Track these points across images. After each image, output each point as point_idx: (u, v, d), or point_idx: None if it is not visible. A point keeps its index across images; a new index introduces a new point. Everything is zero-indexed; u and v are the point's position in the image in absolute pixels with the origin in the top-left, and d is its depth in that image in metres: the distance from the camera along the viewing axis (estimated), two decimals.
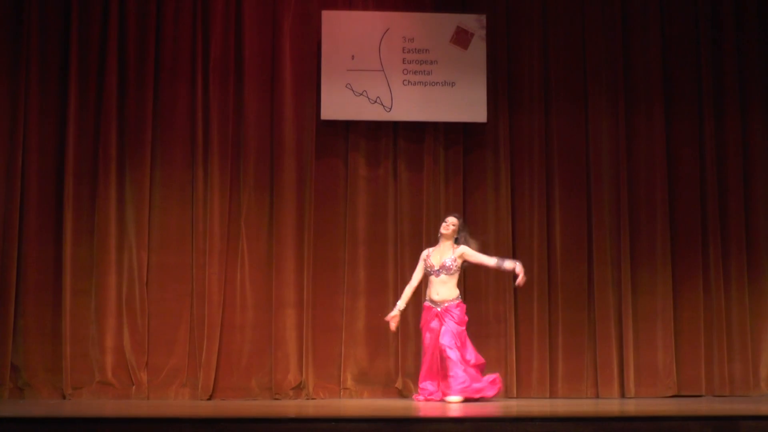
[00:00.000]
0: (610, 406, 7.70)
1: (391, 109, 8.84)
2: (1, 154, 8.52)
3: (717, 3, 9.25)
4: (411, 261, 8.52)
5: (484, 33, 8.93)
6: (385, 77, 8.85)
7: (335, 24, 8.85)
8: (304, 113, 8.87)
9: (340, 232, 8.82)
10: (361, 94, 8.82)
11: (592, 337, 8.88)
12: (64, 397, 8.33)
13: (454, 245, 8.01)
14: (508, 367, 8.73)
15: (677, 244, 9.03)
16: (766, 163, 9.17)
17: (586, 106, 9.10)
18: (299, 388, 8.56)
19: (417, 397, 8.04)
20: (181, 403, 8.27)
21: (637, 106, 9.13)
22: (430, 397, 7.86)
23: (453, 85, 8.89)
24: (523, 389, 8.73)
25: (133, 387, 8.40)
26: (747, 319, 8.97)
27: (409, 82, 8.88)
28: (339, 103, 8.79)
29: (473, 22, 8.94)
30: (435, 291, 7.91)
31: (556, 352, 8.83)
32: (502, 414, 6.69)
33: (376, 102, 8.83)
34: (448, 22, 8.94)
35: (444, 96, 8.88)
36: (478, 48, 8.92)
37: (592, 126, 9.09)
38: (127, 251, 8.58)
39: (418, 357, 8.41)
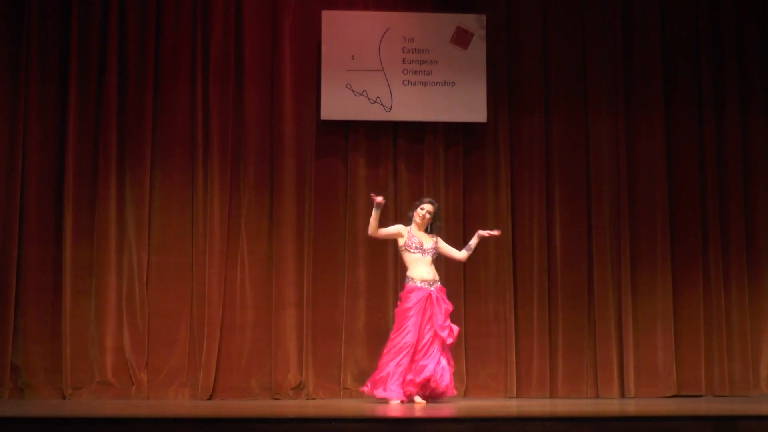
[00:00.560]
0: (610, 406, 7.70)
1: (391, 109, 8.84)
2: (1, 154, 8.52)
3: (717, 3, 9.26)
4: None
5: (484, 33, 8.93)
6: (385, 77, 8.85)
7: (335, 24, 8.85)
8: (304, 113, 8.87)
9: (340, 232, 8.82)
10: (361, 94, 8.82)
11: (592, 337, 8.88)
12: (64, 397, 8.33)
13: (429, 234, 7.80)
14: (508, 367, 8.73)
15: (677, 244, 9.03)
16: (766, 163, 9.17)
17: (586, 106, 9.11)
18: (299, 388, 8.57)
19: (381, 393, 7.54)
20: (181, 403, 8.27)
21: (637, 107, 9.13)
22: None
23: (453, 85, 8.89)
24: (523, 389, 8.73)
25: (133, 387, 8.40)
26: (747, 320, 8.98)
27: (409, 82, 8.88)
28: (339, 103, 8.79)
29: (473, 22, 8.94)
30: (426, 270, 7.68)
31: (556, 352, 8.83)
32: (502, 414, 6.68)
33: (376, 102, 8.83)
34: (448, 22, 8.94)
35: (444, 96, 8.88)
36: (478, 48, 8.92)
37: (592, 126, 9.09)
38: (127, 251, 8.59)
39: None
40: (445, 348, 7.66)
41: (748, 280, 9.03)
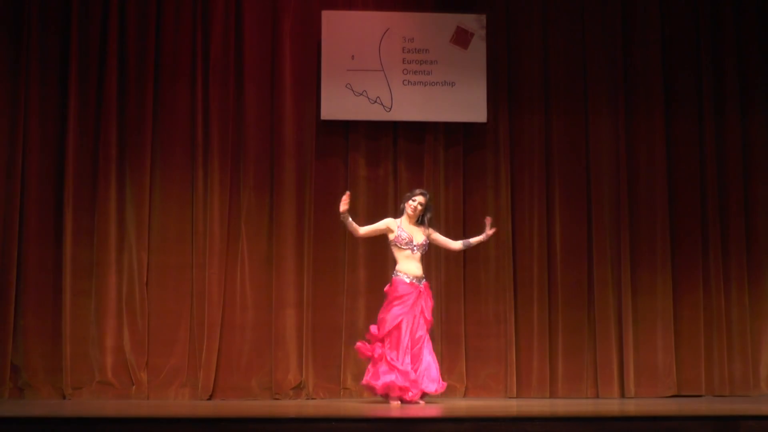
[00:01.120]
0: (610, 406, 7.70)
1: (391, 109, 8.85)
2: (1, 155, 8.52)
3: (717, 3, 9.26)
4: None
5: (484, 33, 8.94)
6: (385, 77, 8.85)
7: (335, 24, 8.85)
8: (304, 113, 8.87)
9: (340, 232, 8.81)
10: (361, 94, 8.82)
11: (592, 337, 8.88)
12: (64, 397, 8.33)
13: (421, 226, 7.70)
14: (508, 368, 8.73)
15: (677, 244, 9.03)
16: (766, 163, 9.17)
17: (586, 106, 9.11)
18: (299, 388, 8.57)
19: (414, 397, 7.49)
20: (181, 403, 8.27)
21: (637, 106, 9.13)
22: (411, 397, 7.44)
23: (453, 85, 8.89)
24: (523, 389, 8.73)
25: (133, 387, 8.40)
26: (747, 319, 8.98)
27: (409, 82, 8.88)
28: (339, 103, 8.79)
29: (473, 22, 8.94)
30: (416, 266, 7.59)
31: (556, 352, 8.83)
32: (502, 414, 6.68)
33: (376, 102, 8.83)
34: (448, 22, 8.94)
35: (444, 96, 8.88)
36: (478, 48, 8.92)
37: (592, 126, 9.09)
38: (127, 251, 8.59)
39: None
40: (429, 342, 7.58)
41: (748, 280, 9.03)
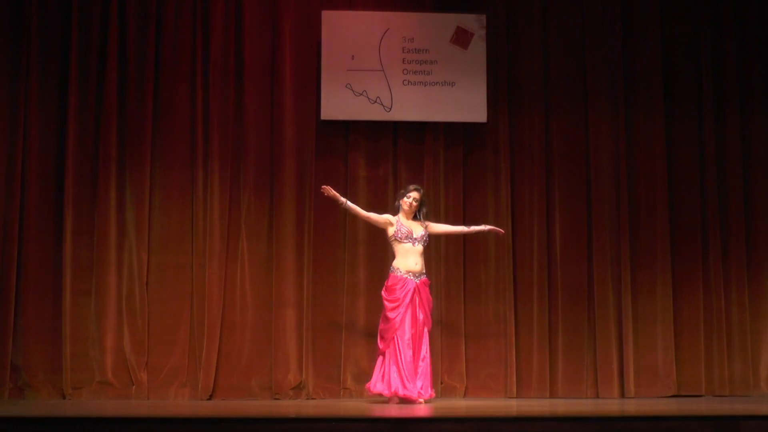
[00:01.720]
0: (610, 406, 7.70)
1: (391, 109, 8.84)
2: (1, 155, 8.52)
3: (717, 3, 9.25)
4: None
5: (484, 33, 8.93)
6: (385, 77, 8.85)
7: (335, 24, 8.85)
8: (304, 113, 8.87)
9: (340, 232, 8.82)
10: (361, 94, 8.82)
11: (592, 337, 8.88)
12: (64, 397, 8.33)
13: (418, 221, 7.78)
14: (508, 367, 8.73)
15: (677, 244, 9.03)
16: (766, 163, 9.17)
17: (586, 106, 9.10)
18: (299, 388, 8.56)
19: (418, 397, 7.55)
20: (181, 403, 8.27)
21: (637, 106, 9.13)
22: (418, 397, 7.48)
23: (453, 85, 8.89)
24: (523, 389, 8.73)
25: (133, 387, 8.40)
26: (747, 320, 8.97)
27: (409, 82, 8.88)
28: (339, 103, 8.79)
29: (473, 22, 8.94)
30: (414, 261, 7.65)
31: (556, 352, 8.83)
32: (502, 414, 6.69)
33: (376, 102, 8.83)
34: (448, 22, 8.94)
35: (444, 96, 8.88)
36: (478, 48, 8.92)
37: (592, 126, 9.09)
38: (127, 251, 8.59)
39: None
40: (426, 340, 7.62)
41: (748, 280, 9.03)
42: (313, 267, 8.71)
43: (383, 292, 7.73)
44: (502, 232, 8.12)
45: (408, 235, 7.66)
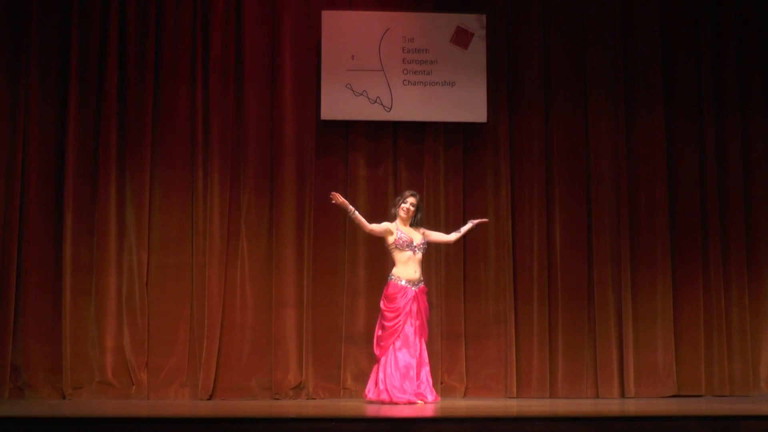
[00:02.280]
0: (610, 406, 7.70)
1: (391, 109, 8.85)
2: (1, 155, 8.52)
3: (717, 3, 9.26)
4: None
5: (484, 33, 8.93)
6: (385, 77, 8.86)
7: (335, 24, 8.85)
8: (304, 113, 8.87)
9: (340, 232, 8.83)
10: (361, 94, 8.82)
11: (592, 337, 8.88)
12: (64, 397, 8.33)
13: (414, 227, 7.76)
14: (508, 367, 8.73)
15: (677, 244, 9.03)
16: (766, 163, 9.17)
17: (586, 106, 9.11)
18: (299, 388, 8.56)
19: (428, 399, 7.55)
20: (181, 403, 8.27)
21: (637, 106, 9.13)
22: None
23: (453, 85, 8.89)
24: (523, 389, 8.73)
25: (133, 387, 8.40)
26: (747, 319, 8.98)
27: (409, 82, 8.88)
28: (339, 103, 8.80)
29: (473, 22, 8.94)
30: (414, 269, 7.64)
31: (556, 352, 8.83)
32: (502, 414, 6.69)
33: (376, 102, 8.83)
34: (448, 22, 8.94)
35: (444, 96, 8.88)
36: (478, 48, 8.92)
37: (592, 126, 9.09)
38: (127, 251, 8.59)
39: None
40: (424, 347, 7.63)
41: (748, 280, 9.04)
42: (313, 267, 8.72)
43: (382, 300, 7.68)
44: (486, 221, 8.17)
45: (409, 243, 7.64)
